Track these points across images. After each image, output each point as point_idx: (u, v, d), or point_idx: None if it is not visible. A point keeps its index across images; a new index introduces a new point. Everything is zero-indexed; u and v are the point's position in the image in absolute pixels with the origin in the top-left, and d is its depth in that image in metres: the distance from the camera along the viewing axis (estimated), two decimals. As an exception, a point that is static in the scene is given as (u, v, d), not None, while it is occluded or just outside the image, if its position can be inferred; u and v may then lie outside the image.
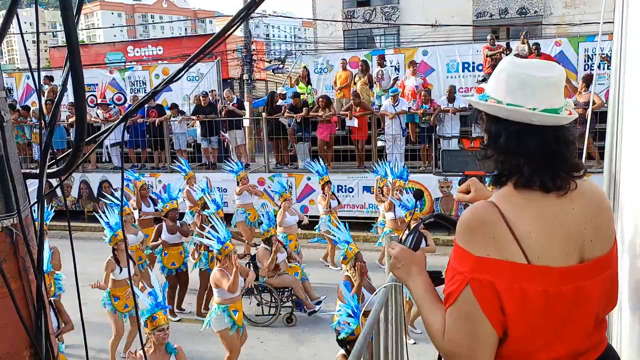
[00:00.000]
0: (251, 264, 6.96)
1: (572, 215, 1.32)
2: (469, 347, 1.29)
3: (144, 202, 7.99)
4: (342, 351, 4.05)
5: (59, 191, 10.04)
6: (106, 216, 6.01)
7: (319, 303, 6.93)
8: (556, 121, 1.33)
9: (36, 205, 1.44)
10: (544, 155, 1.32)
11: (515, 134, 1.33)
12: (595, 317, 1.35)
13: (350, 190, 10.73)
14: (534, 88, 1.32)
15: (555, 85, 1.35)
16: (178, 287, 7.27)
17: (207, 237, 5.84)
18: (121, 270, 5.84)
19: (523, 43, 11.27)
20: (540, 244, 1.27)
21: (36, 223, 1.37)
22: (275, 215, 7.78)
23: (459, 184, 7.86)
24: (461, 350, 1.30)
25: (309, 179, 10.72)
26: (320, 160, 9.14)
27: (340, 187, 10.67)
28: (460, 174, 9.07)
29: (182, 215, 8.01)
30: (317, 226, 8.72)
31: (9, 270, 1.22)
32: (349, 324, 3.94)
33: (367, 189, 10.50)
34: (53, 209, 7.09)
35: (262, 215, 7.23)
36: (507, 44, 11.86)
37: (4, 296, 1.20)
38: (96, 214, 6.22)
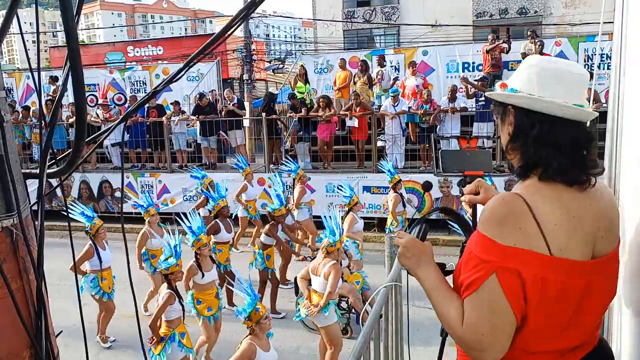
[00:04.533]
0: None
1: (589, 210, 1.35)
2: (490, 335, 1.30)
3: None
4: None
5: (59, 191, 10.03)
6: (188, 220, 5.82)
7: None
8: (585, 116, 1.37)
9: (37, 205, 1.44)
10: (576, 149, 1.35)
11: (550, 126, 1.36)
12: (600, 312, 1.39)
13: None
14: (567, 83, 1.37)
15: (584, 82, 1.40)
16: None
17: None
18: (203, 275, 5.66)
19: (531, 42, 11.25)
20: (563, 237, 1.30)
21: (36, 223, 1.37)
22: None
23: (459, 184, 7.84)
24: (481, 338, 1.31)
25: (309, 179, 10.70)
26: (387, 160, 8.88)
27: (340, 187, 10.63)
28: (460, 174, 9.06)
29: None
30: (389, 228, 8.44)
31: (9, 270, 1.22)
32: None
33: (367, 189, 10.50)
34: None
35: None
36: (508, 38, 11.81)
37: (4, 296, 1.20)
38: (181, 218, 5.99)
